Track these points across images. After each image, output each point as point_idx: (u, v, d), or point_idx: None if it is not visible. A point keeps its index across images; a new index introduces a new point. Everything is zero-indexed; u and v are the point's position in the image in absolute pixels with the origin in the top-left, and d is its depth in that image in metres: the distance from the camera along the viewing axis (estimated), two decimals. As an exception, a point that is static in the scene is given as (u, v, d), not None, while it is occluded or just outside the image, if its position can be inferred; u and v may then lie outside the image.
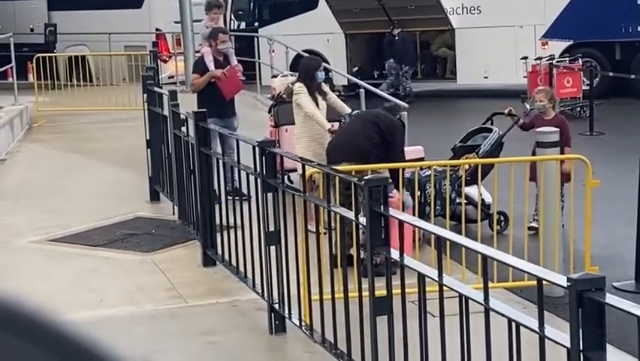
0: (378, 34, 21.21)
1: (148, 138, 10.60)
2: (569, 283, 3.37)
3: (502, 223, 8.89)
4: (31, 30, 22.87)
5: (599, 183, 7.47)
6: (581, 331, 3.36)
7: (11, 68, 17.32)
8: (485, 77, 20.19)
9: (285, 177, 6.64)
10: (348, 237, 5.74)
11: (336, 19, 21.23)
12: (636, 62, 18.73)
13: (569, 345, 3.40)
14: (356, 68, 21.26)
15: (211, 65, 10.36)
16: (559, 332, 3.60)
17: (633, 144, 12.94)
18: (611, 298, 3.35)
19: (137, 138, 11.69)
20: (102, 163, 12.77)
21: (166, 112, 9.58)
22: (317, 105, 9.22)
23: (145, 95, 10.70)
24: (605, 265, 7.80)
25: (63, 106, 17.83)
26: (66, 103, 18.10)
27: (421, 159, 9.06)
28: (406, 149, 8.83)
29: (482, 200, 8.47)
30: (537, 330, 3.59)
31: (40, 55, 18.53)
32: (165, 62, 21.15)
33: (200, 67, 10.55)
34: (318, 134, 9.08)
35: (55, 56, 19.90)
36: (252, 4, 23.97)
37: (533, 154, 8.36)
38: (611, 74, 18.08)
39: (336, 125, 9.33)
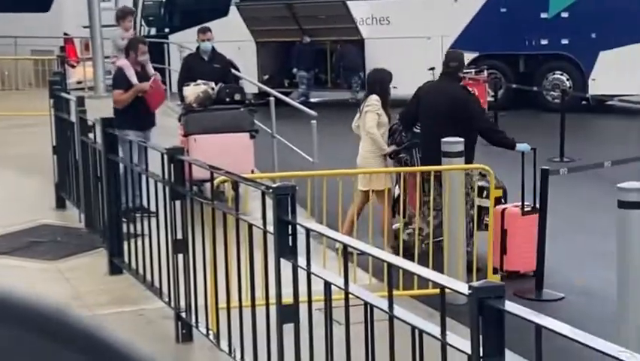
0: (288, 43, 21.28)
1: (54, 144, 10.43)
2: (470, 291, 3.46)
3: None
4: None
5: (501, 192, 7.65)
6: (481, 337, 3.44)
7: None
8: (394, 87, 20.38)
9: (195, 187, 6.63)
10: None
11: (247, 26, 21.23)
12: (539, 74, 19.21)
13: (469, 351, 3.48)
14: (267, 77, 21.27)
15: (134, 79, 9.91)
16: (460, 338, 3.67)
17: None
18: (510, 306, 3.44)
19: (43, 144, 11.48)
20: (5, 169, 12.49)
21: (73, 118, 9.45)
22: (389, 118, 9.11)
23: (52, 101, 10.54)
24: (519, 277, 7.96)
25: (-34, 110, 17.40)
26: (-31, 107, 17.68)
27: None
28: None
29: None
30: (439, 337, 3.67)
31: (-58, 58, 18.09)
32: (73, 67, 20.83)
33: (122, 81, 10.03)
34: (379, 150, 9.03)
35: (-41, 59, 19.45)
36: (162, 10, 23.80)
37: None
38: (514, 85, 18.51)
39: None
